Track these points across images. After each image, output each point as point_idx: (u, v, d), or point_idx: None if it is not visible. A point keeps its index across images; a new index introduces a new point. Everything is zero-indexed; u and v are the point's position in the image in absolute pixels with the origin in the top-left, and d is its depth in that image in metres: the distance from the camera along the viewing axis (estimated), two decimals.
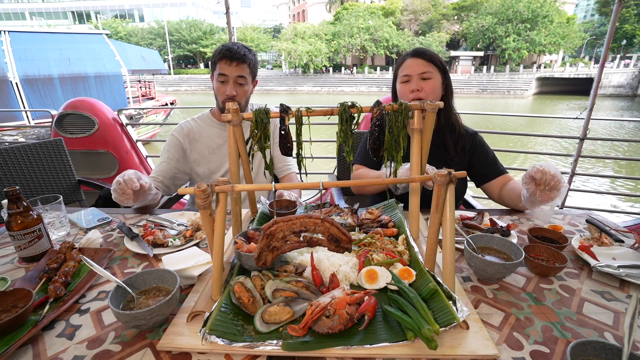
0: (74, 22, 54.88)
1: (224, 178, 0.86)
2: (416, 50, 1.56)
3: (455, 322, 0.73)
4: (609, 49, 2.82)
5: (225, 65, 1.64)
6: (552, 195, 1.22)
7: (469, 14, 38.35)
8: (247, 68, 1.68)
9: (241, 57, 1.64)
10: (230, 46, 1.65)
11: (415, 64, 1.52)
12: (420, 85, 1.50)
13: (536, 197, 1.24)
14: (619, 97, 30.32)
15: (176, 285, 0.83)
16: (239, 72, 1.65)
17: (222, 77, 1.66)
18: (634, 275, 0.98)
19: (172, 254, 1.08)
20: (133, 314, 0.75)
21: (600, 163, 9.00)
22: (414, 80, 1.52)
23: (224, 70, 1.64)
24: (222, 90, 1.68)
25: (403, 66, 1.57)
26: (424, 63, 1.51)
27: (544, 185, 1.22)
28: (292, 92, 36.83)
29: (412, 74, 1.52)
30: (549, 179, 1.20)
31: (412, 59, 1.54)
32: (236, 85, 1.68)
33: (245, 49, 1.68)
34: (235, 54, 1.63)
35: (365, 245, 1.10)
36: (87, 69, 10.17)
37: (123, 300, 0.84)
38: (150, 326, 0.79)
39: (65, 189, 2.17)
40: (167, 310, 0.80)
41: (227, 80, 1.66)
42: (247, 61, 1.66)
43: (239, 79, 1.66)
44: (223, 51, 1.64)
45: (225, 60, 1.63)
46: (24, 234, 1.07)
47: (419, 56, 1.53)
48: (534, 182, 1.24)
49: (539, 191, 1.23)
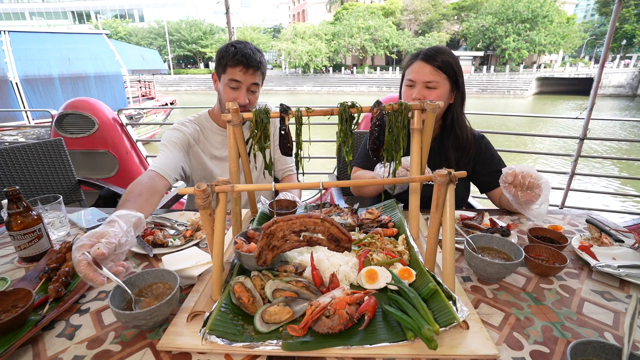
0: (73, 22, 54.91)
1: (224, 178, 0.86)
2: (427, 54, 1.43)
3: (455, 322, 0.73)
4: (609, 49, 2.82)
5: (239, 72, 1.51)
6: (534, 193, 1.21)
7: (469, 14, 38.35)
8: (260, 75, 1.59)
9: (257, 65, 1.53)
10: (245, 51, 1.51)
11: (422, 71, 1.42)
12: (423, 94, 1.42)
13: (519, 198, 1.24)
14: (619, 97, 30.32)
15: (176, 285, 0.83)
16: (253, 80, 1.55)
17: (234, 83, 1.54)
18: (634, 275, 0.98)
19: (172, 253, 1.08)
20: (133, 314, 0.75)
21: (600, 163, 9.00)
22: (418, 87, 1.43)
23: (237, 77, 1.52)
24: (232, 96, 1.56)
25: (410, 69, 1.47)
26: (431, 71, 1.40)
27: (520, 186, 1.23)
28: (292, 92, 36.82)
29: (417, 80, 1.43)
30: (522, 179, 1.21)
31: (420, 64, 1.43)
32: (249, 93, 1.58)
33: (259, 53, 1.56)
34: (252, 61, 1.50)
35: (365, 245, 1.10)
36: (87, 69, 10.19)
37: (123, 300, 0.83)
38: (150, 326, 0.79)
39: (65, 189, 2.17)
40: (167, 310, 0.80)
41: (240, 87, 1.55)
42: (260, 67, 1.56)
43: (253, 86, 1.57)
44: (238, 57, 1.49)
45: (240, 67, 1.51)
46: (24, 234, 1.07)
47: (428, 61, 1.41)
48: (511, 186, 1.25)
49: (520, 192, 1.23)
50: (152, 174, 1.40)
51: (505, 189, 1.27)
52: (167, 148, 1.58)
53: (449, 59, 1.42)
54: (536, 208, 1.24)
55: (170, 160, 1.52)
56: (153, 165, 1.46)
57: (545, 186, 1.20)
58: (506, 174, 1.24)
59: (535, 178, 1.20)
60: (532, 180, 1.20)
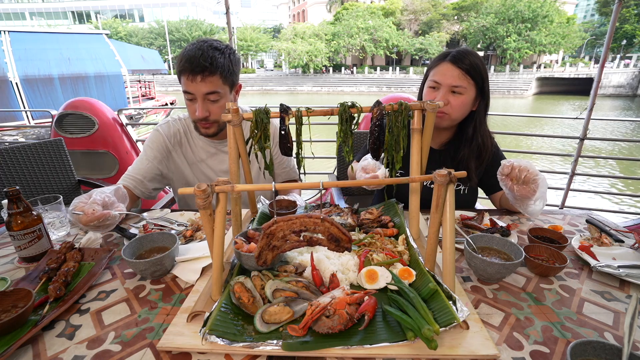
0: (74, 22, 54.92)
1: (224, 178, 0.86)
2: (456, 56, 1.34)
3: (455, 322, 0.73)
4: (609, 49, 2.82)
5: (187, 81, 1.30)
6: (530, 188, 1.20)
7: (469, 14, 38.35)
8: (219, 79, 1.32)
9: (207, 68, 1.27)
10: (191, 54, 1.27)
11: (450, 73, 1.34)
12: (447, 99, 1.35)
13: (514, 192, 1.23)
14: (619, 97, 30.32)
15: (175, 243, 1.04)
16: (207, 88, 1.31)
17: (187, 94, 1.34)
18: (634, 275, 0.98)
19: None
20: (144, 262, 0.96)
21: (596, 162, 9.00)
22: (442, 91, 1.35)
23: (187, 87, 1.31)
24: (192, 110, 1.37)
25: (436, 69, 1.38)
26: (459, 75, 1.33)
27: (516, 179, 1.22)
28: (292, 92, 36.83)
29: (442, 83, 1.35)
30: (519, 172, 1.20)
31: (448, 65, 1.34)
32: (207, 103, 1.35)
33: (214, 51, 1.30)
34: (197, 65, 1.26)
35: (365, 245, 1.10)
36: (87, 69, 10.19)
37: (133, 255, 1.03)
38: (151, 272, 0.99)
39: (65, 189, 2.17)
40: (169, 261, 1.01)
41: (194, 99, 1.34)
42: (216, 71, 1.29)
43: (210, 95, 1.33)
44: (183, 63, 1.28)
45: (187, 75, 1.29)
46: (24, 234, 1.07)
47: (457, 63, 1.33)
48: (508, 179, 1.24)
49: (516, 186, 1.23)
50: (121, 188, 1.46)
51: (502, 182, 1.26)
52: (144, 155, 1.56)
53: (477, 62, 1.35)
54: (532, 204, 1.24)
55: (144, 172, 1.53)
56: (125, 177, 1.51)
57: (542, 182, 1.20)
58: (503, 166, 1.23)
59: (532, 173, 1.19)
60: (528, 175, 1.20)
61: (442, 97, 1.35)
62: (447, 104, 1.35)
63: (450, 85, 1.34)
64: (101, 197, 1.15)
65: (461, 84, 1.33)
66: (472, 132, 1.46)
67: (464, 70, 1.33)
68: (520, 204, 1.27)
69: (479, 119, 1.45)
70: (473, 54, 1.36)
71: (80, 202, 1.12)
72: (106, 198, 1.16)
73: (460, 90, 1.34)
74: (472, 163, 1.48)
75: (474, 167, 1.49)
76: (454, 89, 1.35)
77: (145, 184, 1.53)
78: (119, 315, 0.87)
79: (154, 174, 1.55)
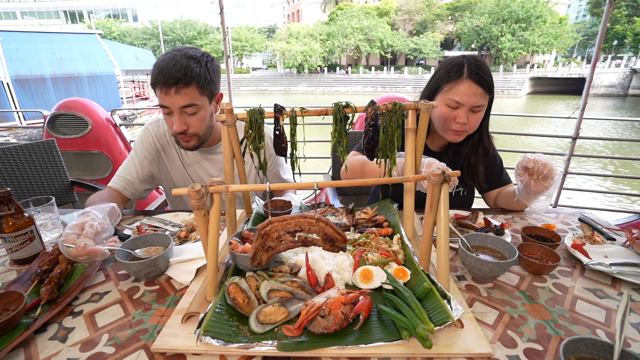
0: (66, 21, 54.40)
1: (218, 178, 0.86)
2: (472, 71, 1.28)
3: (450, 320, 0.74)
4: (600, 49, 2.85)
5: (162, 94, 1.22)
6: (547, 184, 1.22)
7: (463, 14, 38.58)
8: (196, 89, 1.24)
9: (180, 80, 1.19)
10: (164, 64, 1.20)
11: (473, 93, 1.28)
12: (467, 118, 1.32)
13: (531, 187, 1.24)
14: (611, 96, 30.66)
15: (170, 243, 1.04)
16: (183, 101, 1.24)
17: (163, 108, 1.28)
18: (626, 273, 0.99)
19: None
20: (137, 263, 0.96)
21: (592, 162, 9.10)
22: (464, 111, 1.31)
23: (162, 101, 1.25)
24: (169, 123, 1.31)
25: (457, 88, 1.30)
26: (482, 94, 1.29)
27: (537, 174, 1.23)
28: (287, 92, 36.76)
29: (466, 104, 1.30)
30: (541, 167, 1.21)
31: (471, 85, 1.28)
32: (184, 116, 1.28)
33: (189, 61, 1.22)
34: (170, 77, 1.18)
35: (360, 245, 1.10)
36: (80, 69, 10.08)
37: (126, 258, 1.02)
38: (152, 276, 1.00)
39: (58, 191, 2.15)
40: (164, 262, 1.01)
41: (170, 112, 1.28)
42: (192, 81, 1.21)
43: (186, 108, 1.26)
44: (155, 75, 1.21)
45: (160, 88, 1.22)
46: (16, 236, 1.06)
47: (479, 82, 1.28)
48: (527, 173, 1.25)
49: (533, 181, 1.24)
50: (110, 191, 1.47)
51: (519, 177, 1.27)
52: (135, 155, 1.53)
53: (490, 73, 1.32)
54: (543, 200, 1.27)
55: (135, 173, 1.51)
56: (116, 178, 1.50)
57: (558, 180, 1.23)
58: (527, 159, 1.22)
59: (552, 170, 1.21)
60: (548, 171, 1.21)
61: (464, 117, 1.31)
62: (467, 122, 1.32)
63: (472, 105, 1.31)
64: (93, 229, 1.02)
65: (482, 102, 1.31)
66: (479, 137, 1.47)
67: (484, 88, 1.29)
68: (531, 199, 1.29)
69: (486, 125, 1.46)
70: (485, 65, 1.33)
71: (73, 233, 0.99)
72: (99, 227, 1.05)
73: (480, 109, 1.33)
74: (480, 167, 1.48)
75: (482, 172, 1.50)
76: (474, 109, 1.32)
77: (136, 185, 1.52)
78: (112, 317, 0.86)
79: (145, 175, 1.54)
